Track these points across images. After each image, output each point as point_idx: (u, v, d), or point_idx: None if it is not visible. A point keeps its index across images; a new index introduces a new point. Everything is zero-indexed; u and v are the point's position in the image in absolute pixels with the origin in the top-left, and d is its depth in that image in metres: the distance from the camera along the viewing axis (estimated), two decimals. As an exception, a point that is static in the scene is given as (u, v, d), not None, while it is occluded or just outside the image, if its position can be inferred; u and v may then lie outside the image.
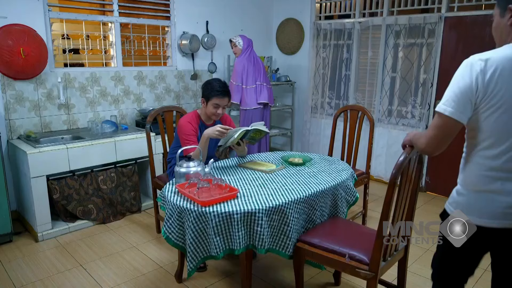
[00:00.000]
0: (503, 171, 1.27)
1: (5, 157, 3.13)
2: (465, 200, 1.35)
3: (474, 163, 1.33)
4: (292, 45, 5.13)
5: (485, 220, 1.30)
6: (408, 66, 4.09)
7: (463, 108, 1.25)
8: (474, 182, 1.33)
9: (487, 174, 1.30)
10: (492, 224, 1.29)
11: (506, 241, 1.33)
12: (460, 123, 1.27)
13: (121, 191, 3.42)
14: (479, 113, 1.26)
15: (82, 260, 2.73)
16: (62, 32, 3.51)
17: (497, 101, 1.23)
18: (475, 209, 1.32)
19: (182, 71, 4.35)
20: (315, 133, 5.01)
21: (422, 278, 2.52)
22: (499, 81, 1.21)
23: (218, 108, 2.51)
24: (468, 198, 1.34)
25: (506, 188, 1.27)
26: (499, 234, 1.31)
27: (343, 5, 4.62)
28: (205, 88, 2.54)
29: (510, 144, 1.25)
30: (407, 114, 4.17)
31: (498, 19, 1.32)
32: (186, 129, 2.49)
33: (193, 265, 1.88)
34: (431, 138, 1.32)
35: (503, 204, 1.27)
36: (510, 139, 1.25)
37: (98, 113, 3.74)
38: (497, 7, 1.33)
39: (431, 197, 4.06)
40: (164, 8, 4.16)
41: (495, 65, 1.21)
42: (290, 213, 1.92)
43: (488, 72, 1.21)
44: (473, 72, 1.23)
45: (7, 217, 2.90)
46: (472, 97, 1.24)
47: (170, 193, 2.03)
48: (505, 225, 1.28)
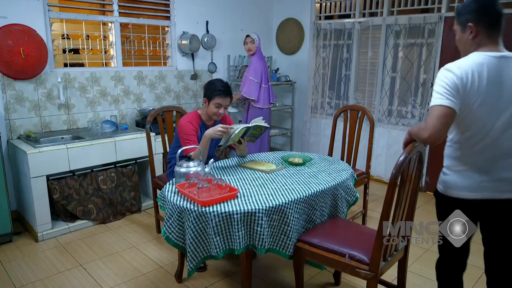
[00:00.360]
0: (478, 154, 1.55)
1: (5, 157, 3.13)
2: (449, 178, 1.63)
3: (455, 148, 1.61)
4: (292, 45, 5.13)
5: (465, 193, 1.59)
6: (408, 66, 4.09)
7: (455, 100, 1.47)
8: (455, 164, 1.62)
9: (465, 157, 1.59)
10: (470, 196, 1.58)
11: (487, 211, 1.61)
12: (455, 113, 1.47)
13: (121, 191, 3.42)
14: (461, 108, 1.49)
15: (82, 260, 2.73)
16: (62, 32, 3.51)
17: (474, 97, 1.48)
18: (456, 185, 1.61)
19: (182, 71, 4.35)
20: (315, 133, 5.01)
21: (422, 278, 2.52)
22: (475, 81, 1.47)
23: (220, 107, 2.51)
24: (451, 177, 1.62)
25: (480, 167, 1.56)
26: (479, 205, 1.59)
27: (343, 5, 4.62)
28: (207, 88, 2.54)
29: (485, 132, 1.52)
30: (407, 114, 4.17)
31: (460, 34, 1.61)
32: (187, 128, 2.49)
33: (193, 265, 1.88)
34: (434, 127, 1.46)
35: (477, 179, 1.56)
36: (484, 129, 1.52)
37: (98, 113, 3.74)
38: (457, 24, 1.62)
39: (431, 197, 4.06)
40: (164, 8, 4.16)
41: (469, 69, 1.48)
42: (290, 213, 1.92)
43: (465, 75, 1.47)
44: (454, 75, 1.48)
45: (7, 217, 2.90)
46: (459, 93, 1.47)
47: (170, 193, 2.03)
48: (482, 197, 1.57)
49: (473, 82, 1.47)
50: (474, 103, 1.48)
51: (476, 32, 1.54)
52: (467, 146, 1.57)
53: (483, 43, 1.54)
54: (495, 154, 1.54)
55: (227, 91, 2.50)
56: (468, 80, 1.47)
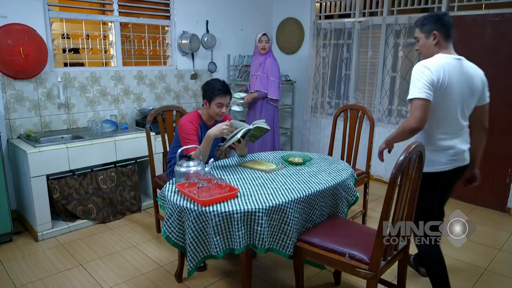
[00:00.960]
0: (447, 134, 1.97)
1: (5, 157, 3.13)
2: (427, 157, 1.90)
3: (430, 132, 1.98)
4: (292, 44, 5.13)
5: (439, 167, 2.00)
6: (408, 65, 4.09)
7: (431, 93, 1.84)
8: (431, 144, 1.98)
9: (438, 139, 1.98)
10: (443, 169, 1.99)
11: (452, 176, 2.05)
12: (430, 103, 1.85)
13: (121, 190, 3.42)
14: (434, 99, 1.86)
15: (82, 259, 2.74)
16: (62, 32, 3.51)
17: (443, 89, 1.87)
18: (433, 162, 1.98)
19: (182, 70, 4.35)
20: (315, 133, 5.01)
21: (422, 277, 2.52)
22: (445, 77, 1.86)
23: (222, 107, 2.51)
24: (428, 156, 1.92)
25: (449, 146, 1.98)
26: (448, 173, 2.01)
27: (343, 4, 4.61)
28: (206, 89, 2.53)
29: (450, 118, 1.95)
30: (407, 113, 4.17)
31: (424, 40, 2.02)
32: (187, 128, 2.49)
33: (193, 264, 1.88)
34: (420, 116, 1.83)
35: (448, 156, 1.99)
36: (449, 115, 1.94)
37: (98, 112, 3.74)
38: (421, 32, 2.02)
39: (431, 197, 4.06)
40: (164, 8, 4.16)
41: (441, 67, 1.87)
42: (290, 213, 1.92)
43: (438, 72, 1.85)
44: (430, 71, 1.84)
45: (7, 217, 2.91)
46: (433, 86, 1.84)
47: (170, 192, 2.03)
48: (451, 167, 2.00)
49: (444, 78, 1.86)
50: (442, 95, 1.87)
51: (438, 38, 1.96)
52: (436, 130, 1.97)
53: (443, 47, 1.97)
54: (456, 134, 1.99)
55: (226, 89, 2.50)
56: (440, 76, 1.85)
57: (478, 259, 2.81)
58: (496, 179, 3.67)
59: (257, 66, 3.97)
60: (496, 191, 3.69)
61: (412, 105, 1.85)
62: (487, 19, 3.53)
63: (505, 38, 3.45)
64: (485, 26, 3.54)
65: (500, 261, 2.78)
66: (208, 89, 2.51)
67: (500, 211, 3.68)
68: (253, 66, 4.05)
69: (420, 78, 1.84)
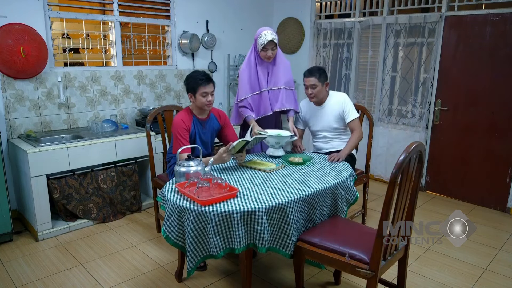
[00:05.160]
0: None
1: (5, 157, 3.14)
2: None
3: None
4: (292, 44, 5.13)
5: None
6: (408, 65, 4.09)
7: None
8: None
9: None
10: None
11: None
12: None
13: (121, 190, 3.42)
14: None
15: (82, 259, 2.74)
16: (62, 31, 3.51)
17: None
18: None
19: (182, 70, 4.35)
20: (315, 133, 5.00)
21: (422, 277, 2.52)
22: None
23: (207, 95, 2.50)
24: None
25: None
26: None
27: (343, 4, 4.61)
28: (188, 83, 2.53)
29: None
30: (407, 113, 4.17)
31: (320, 87, 2.86)
32: (178, 126, 2.51)
33: (193, 264, 1.88)
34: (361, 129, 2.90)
35: None
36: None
37: (98, 112, 3.74)
38: (318, 81, 2.84)
39: (431, 197, 4.06)
40: (164, 7, 4.15)
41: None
42: (290, 212, 1.92)
43: None
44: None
45: (7, 216, 2.91)
46: None
47: (170, 192, 2.04)
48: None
49: None
50: None
51: (328, 85, 2.94)
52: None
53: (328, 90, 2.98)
54: None
55: (207, 78, 2.50)
56: None
57: (478, 259, 2.81)
58: (496, 179, 3.67)
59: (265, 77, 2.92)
60: (496, 191, 3.69)
61: (357, 121, 2.87)
62: (487, 19, 3.53)
63: (505, 38, 3.45)
64: (485, 26, 3.54)
65: (500, 261, 2.78)
66: (190, 82, 2.51)
67: (500, 211, 3.68)
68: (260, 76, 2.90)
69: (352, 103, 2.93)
